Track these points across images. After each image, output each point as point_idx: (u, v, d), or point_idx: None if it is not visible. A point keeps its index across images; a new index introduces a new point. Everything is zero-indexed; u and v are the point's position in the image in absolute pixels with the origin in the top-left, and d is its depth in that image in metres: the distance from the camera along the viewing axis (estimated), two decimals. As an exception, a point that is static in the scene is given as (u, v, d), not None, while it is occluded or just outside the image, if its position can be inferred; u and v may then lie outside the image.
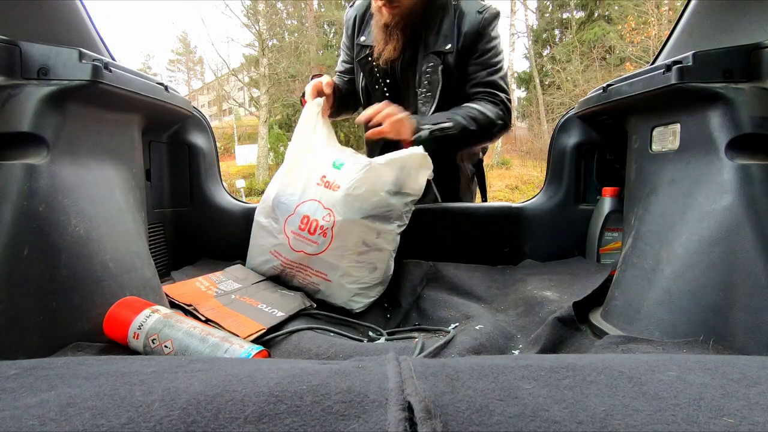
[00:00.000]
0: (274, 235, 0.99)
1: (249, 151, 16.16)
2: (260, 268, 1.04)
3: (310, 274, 0.97)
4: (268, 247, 1.01)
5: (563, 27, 17.12)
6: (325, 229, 0.92)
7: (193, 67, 26.28)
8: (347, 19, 1.35)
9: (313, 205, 0.95)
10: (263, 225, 1.02)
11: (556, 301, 0.90)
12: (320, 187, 0.96)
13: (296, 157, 1.02)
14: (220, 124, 21.15)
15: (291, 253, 0.96)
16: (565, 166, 1.19)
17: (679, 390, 0.35)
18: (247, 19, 14.81)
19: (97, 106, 0.78)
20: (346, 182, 0.93)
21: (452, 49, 1.17)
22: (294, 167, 1.02)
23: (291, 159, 1.03)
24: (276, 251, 0.99)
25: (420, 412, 0.30)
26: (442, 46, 1.17)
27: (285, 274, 1.01)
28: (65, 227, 0.65)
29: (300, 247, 0.95)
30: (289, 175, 1.01)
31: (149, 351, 0.64)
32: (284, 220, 0.97)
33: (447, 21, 1.18)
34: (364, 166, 0.94)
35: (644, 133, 0.87)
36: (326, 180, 0.95)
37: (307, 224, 0.93)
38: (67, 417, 0.31)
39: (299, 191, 0.98)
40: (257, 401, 0.32)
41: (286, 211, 0.97)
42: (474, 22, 1.17)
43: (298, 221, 0.94)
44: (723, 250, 0.65)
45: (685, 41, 1.05)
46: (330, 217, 0.92)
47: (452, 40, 1.17)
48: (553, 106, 15.06)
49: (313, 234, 0.93)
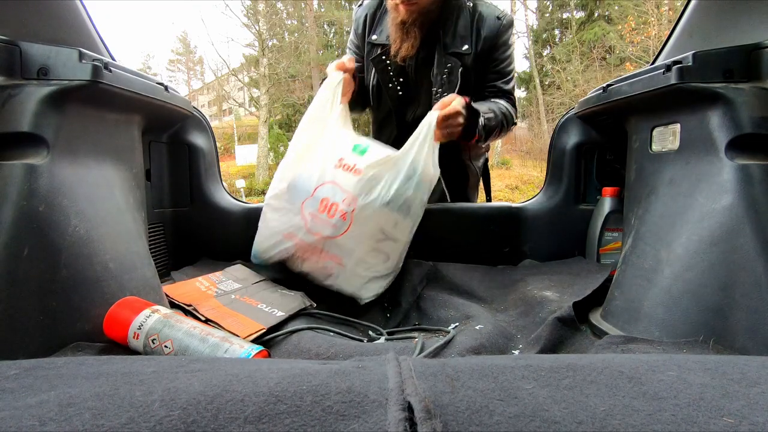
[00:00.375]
0: (290, 217, 0.96)
1: (249, 151, 16.16)
2: (269, 252, 1.00)
3: (324, 257, 0.95)
4: (281, 229, 0.97)
5: (563, 27, 17.13)
6: (345, 213, 0.90)
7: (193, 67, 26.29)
8: (357, 18, 1.33)
9: (332, 189, 0.92)
10: (276, 207, 0.99)
11: (556, 301, 0.90)
12: (339, 170, 0.93)
13: (312, 137, 0.99)
14: (220, 124, 21.15)
15: (307, 235, 0.94)
16: (565, 166, 1.19)
17: (679, 390, 0.35)
18: (247, 19, 14.82)
19: (97, 106, 0.78)
20: (371, 168, 0.91)
21: (470, 50, 1.19)
22: (310, 148, 0.98)
23: (305, 138, 0.99)
24: (290, 233, 0.96)
25: (420, 412, 0.30)
26: (460, 47, 1.19)
27: (296, 257, 0.98)
28: (65, 227, 0.65)
29: (317, 229, 0.92)
30: (305, 156, 0.98)
31: (149, 351, 0.64)
32: (301, 202, 0.94)
33: (462, 21, 1.19)
34: (390, 154, 0.93)
35: (644, 133, 0.87)
36: (344, 163, 0.93)
37: (326, 207, 0.91)
38: (67, 417, 0.31)
39: (317, 173, 0.95)
40: (257, 401, 0.32)
41: (304, 193, 0.94)
42: (494, 27, 1.20)
43: (317, 204, 0.92)
44: (723, 250, 0.65)
45: (685, 41, 1.05)
46: (351, 202, 0.90)
47: (469, 42, 1.19)
48: (553, 106, 15.06)
49: (332, 217, 0.91)
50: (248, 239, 1.16)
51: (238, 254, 1.24)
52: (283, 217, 0.97)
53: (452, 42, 1.19)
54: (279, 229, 0.98)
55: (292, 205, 0.96)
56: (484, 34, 1.19)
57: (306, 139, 0.99)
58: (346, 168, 0.92)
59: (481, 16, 1.20)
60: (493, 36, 1.20)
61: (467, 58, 1.19)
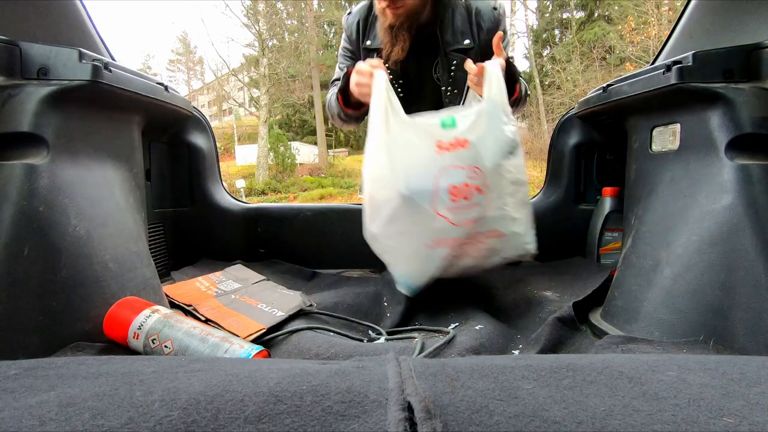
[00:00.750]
0: (425, 227, 0.87)
1: (249, 151, 16.18)
2: (425, 273, 0.90)
3: (482, 239, 0.90)
4: (424, 244, 0.88)
5: (563, 27, 17.13)
6: (478, 186, 0.86)
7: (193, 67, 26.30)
8: (349, 25, 1.31)
9: (452, 173, 0.86)
10: (400, 232, 0.88)
11: (556, 301, 0.90)
12: (446, 153, 0.86)
13: (390, 144, 0.88)
14: (220, 124, 21.16)
15: (456, 230, 0.86)
16: (565, 166, 1.19)
17: (679, 390, 0.35)
18: (247, 19, 14.82)
19: (97, 106, 0.78)
20: (472, 133, 0.87)
21: (472, 44, 1.19)
22: (395, 155, 0.88)
23: (384, 149, 0.88)
24: (437, 240, 0.88)
25: (420, 412, 0.30)
26: (461, 43, 1.19)
27: (455, 259, 0.90)
28: (65, 227, 0.65)
29: (462, 218, 0.86)
30: (396, 166, 0.87)
31: (149, 351, 0.64)
32: (431, 206, 0.86)
33: (459, 17, 1.20)
34: (480, 109, 0.89)
35: (644, 133, 0.87)
36: (445, 144, 0.87)
37: (459, 192, 0.85)
38: (66, 417, 0.31)
39: (425, 170, 0.86)
40: (257, 401, 0.32)
41: (427, 195, 0.86)
42: (493, 18, 1.21)
43: (446, 196, 0.85)
44: (723, 250, 0.65)
45: (685, 41, 1.05)
46: (477, 173, 0.86)
47: (469, 36, 1.19)
48: (553, 106, 15.06)
49: (470, 198, 0.86)
50: (248, 239, 1.17)
51: (238, 254, 1.24)
52: (417, 233, 0.88)
53: (453, 39, 1.20)
54: (420, 247, 0.89)
55: (419, 216, 0.87)
56: (486, 27, 1.20)
57: (386, 149, 0.88)
58: (451, 147, 0.86)
59: (478, 10, 1.21)
60: (494, 27, 1.21)
61: (471, 52, 1.20)
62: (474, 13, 1.21)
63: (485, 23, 1.20)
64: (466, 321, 0.87)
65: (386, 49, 1.20)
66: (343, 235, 1.23)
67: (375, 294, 1.06)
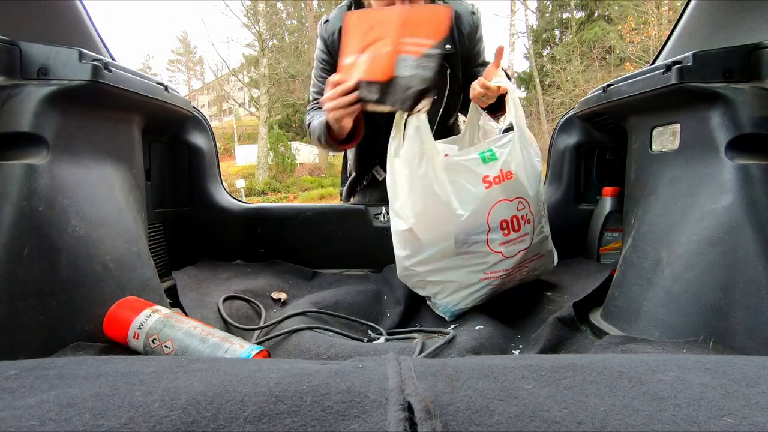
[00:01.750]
0: (479, 263, 0.87)
1: (249, 151, 16.18)
2: (469, 304, 0.90)
3: (526, 265, 0.91)
4: (475, 278, 0.88)
5: (563, 27, 17.13)
6: (526, 216, 0.87)
7: (193, 67, 26.31)
8: (328, 34, 1.19)
9: (502, 208, 0.85)
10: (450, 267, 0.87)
11: (556, 301, 0.90)
12: (494, 187, 0.85)
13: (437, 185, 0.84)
14: (220, 124, 21.17)
15: (507, 262, 0.87)
16: (565, 166, 1.19)
17: (679, 390, 0.35)
18: (247, 19, 14.83)
19: (97, 106, 0.78)
20: (512, 162, 0.86)
21: (452, 50, 1.17)
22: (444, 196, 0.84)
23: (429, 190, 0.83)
24: (489, 273, 0.88)
25: (420, 412, 0.30)
26: (442, 48, 1.17)
27: (502, 286, 0.91)
28: (65, 227, 0.65)
29: (514, 250, 0.87)
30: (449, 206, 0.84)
31: (149, 351, 0.64)
32: (485, 244, 0.86)
33: None
34: (512, 137, 0.88)
35: (644, 133, 0.87)
36: (490, 178, 0.85)
37: (509, 226, 0.86)
38: (66, 417, 0.31)
39: (475, 209, 0.84)
40: (257, 401, 0.32)
41: (483, 234, 0.85)
42: (471, 23, 1.19)
43: (499, 233, 0.85)
44: (723, 250, 0.65)
45: (685, 41, 1.05)
46: (524, 204, 0.87)
47: (451, 41, 1.17)
48: (553, 106, 15.07)
49: (520, 229, 0.87)
50: (248, 239, 1.16)
51: (237, 254, 1.24)
52: (468, 269, 0.87)
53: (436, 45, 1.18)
54: (470, 281, 0.88)
55: (473, 254, 0.86)
56: (465, 31, 1.18)
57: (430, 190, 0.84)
58: (497, 181, 0.85)
59: (458, 14, 1.18)
60: (472, 31, 1.19)
61: (452, 57, 1.18)
62: (454, 17, 1.17)
63: (465, 28, 1.18)
64: (466, 321, 0.87)
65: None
66: (343, 235, 1.23)
67: (375, 294, 1.06)
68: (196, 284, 1.00)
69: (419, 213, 0.84)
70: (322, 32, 1.21)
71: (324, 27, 1.21)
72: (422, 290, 0.92)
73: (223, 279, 1.06)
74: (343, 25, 0.97)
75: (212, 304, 0.89)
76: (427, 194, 0.83)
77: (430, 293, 0.91)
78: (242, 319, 0.89)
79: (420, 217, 0.84)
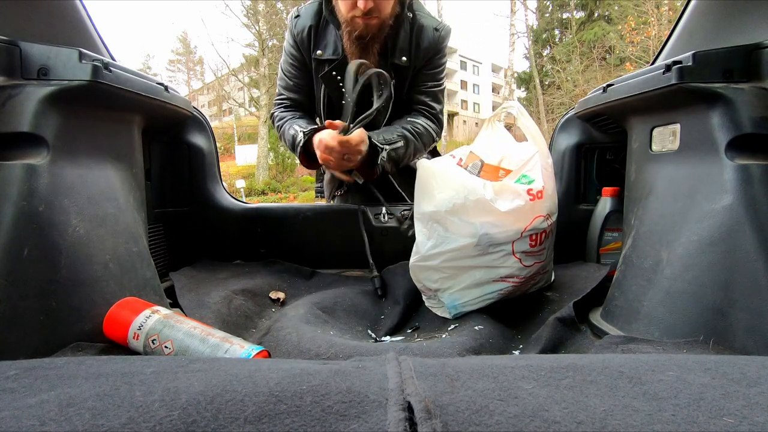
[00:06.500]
0: (499, 267, 0.89)
1: (249, 151, 16.18)
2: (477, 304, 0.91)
3: (540, 273, 0.94)
4: (491, 278, 0.90)
5: (563, 27, 17.14)
6: (547, 231, 0.90)
7: (193, 67, 26.32)
8: (299, 30, 1.17)
9: (537, 221, 0.89)
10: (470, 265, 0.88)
11: (556, 301, 0.90)
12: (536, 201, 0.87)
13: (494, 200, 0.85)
14: (220, 124, 21.17)
15: (523, 270, 0.90)
16: (565, 166, 1.19)
17: (679, 390, 0.35)
18: (247, 19, 14.82)
19: (97, 106, 0.78)
20: (542, 181, 0.89)
21: (407, 63, 1.17)
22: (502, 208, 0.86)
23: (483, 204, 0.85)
24: (504, 277, 0.90)
25: (420, 412, 0.30)
26: (399, 59, 1.16)
27: (510, 294, 0.93)
28: (65, 227, 0.65)
29: (531, 260, 0.90)
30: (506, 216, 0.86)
31: (149, 351, 0.64)
32: (511, 247, 0.87)
33: (402, 33, 1.16)
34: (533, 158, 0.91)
35: (644, 133, 0.87)
36: (533, 192, 0.87)
37: (536, 239, 0.89)
38: (67, 417, 0.31)
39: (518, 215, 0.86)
40: (257, 401, 0.32)
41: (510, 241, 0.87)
42: (432, 38, 1.18)
43: (527, 242, 0.89)
44: (723, 250, 0.65)
45: (685, 41, 1.05)
46: (548, 218, 0.90)
47: (407, 54, 1.16)
48: (553, 106, 15.07)
49: (541, 243, 0.90)
50: (248, 239, 1.16)
51: (237, 254, 1.24)
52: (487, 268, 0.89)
53: (392, 54, 1.16)
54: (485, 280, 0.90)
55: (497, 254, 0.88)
56: (423, 46, 1.17)
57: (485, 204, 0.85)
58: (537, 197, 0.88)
59: (420, 27, 1.17)
60: (431, 47, 1.18)
61: (405, 71, 1.17)
62: (416, 29, 1.17)
63: (423, 42, 1.17)
64: (466, 321, 0.87)
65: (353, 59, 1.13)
66: (343, 235, 1.23)
67: (374, 294, 1.06)
68: (194, 285, 1.00)
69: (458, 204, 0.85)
70: (292, 27, 1.19)
71: (294, 22, 1.19)
72: (432, 283, 0.92)
73: (221, 279, 1.06)
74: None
75: (211, 304, 0.89)
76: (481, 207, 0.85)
77: (441, 287, 0.92)
78: (242, 318, 0.89)
79: (458, 208, 0.85)
